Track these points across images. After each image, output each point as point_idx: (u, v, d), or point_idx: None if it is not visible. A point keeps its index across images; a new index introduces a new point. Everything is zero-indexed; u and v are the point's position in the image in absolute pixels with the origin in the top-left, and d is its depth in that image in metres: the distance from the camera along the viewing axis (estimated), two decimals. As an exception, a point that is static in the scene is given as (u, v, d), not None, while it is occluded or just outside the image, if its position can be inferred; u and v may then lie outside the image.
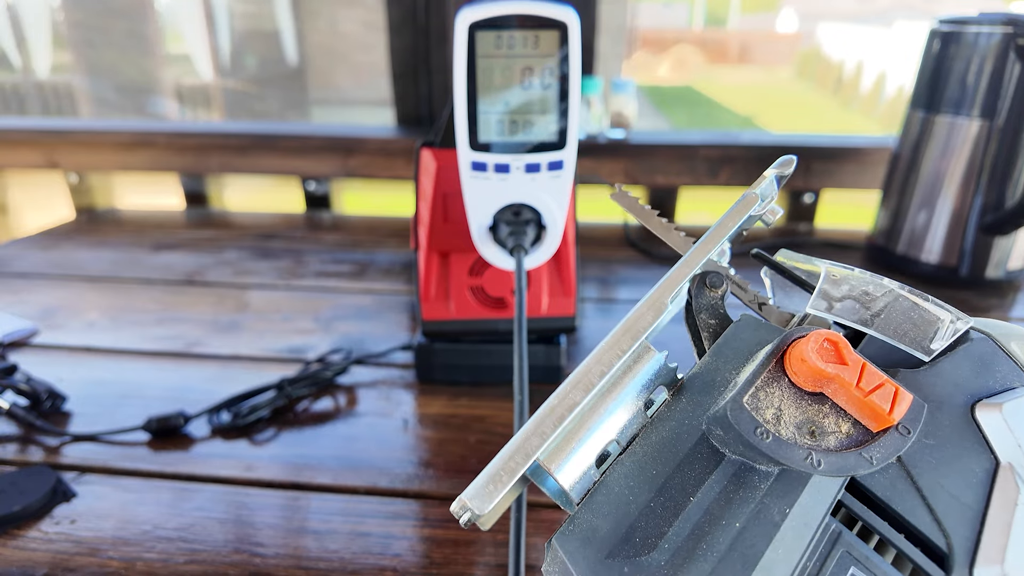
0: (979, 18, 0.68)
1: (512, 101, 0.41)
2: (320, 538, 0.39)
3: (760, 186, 0.22)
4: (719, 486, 0.17)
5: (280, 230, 0.96)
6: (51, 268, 0.81)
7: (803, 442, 0.17)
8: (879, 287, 0.20)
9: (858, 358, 0.17)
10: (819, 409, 0.17)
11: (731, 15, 18.16)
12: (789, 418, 0.17)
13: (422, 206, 0.53)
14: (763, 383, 0.18)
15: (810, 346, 0.17)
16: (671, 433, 0.18)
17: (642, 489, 0.17)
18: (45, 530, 0.39)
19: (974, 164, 0.71)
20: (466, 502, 0.17)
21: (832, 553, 0.16)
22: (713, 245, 0.21)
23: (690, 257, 0.21)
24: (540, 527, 0.40)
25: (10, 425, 0.50)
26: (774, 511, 0.16)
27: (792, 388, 0.18)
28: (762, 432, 0.17)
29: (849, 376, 0.17)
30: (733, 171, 0.96)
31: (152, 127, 1.05)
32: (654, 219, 0.23)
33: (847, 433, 0.17)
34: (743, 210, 0.21)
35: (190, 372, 0.57)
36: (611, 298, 0.73)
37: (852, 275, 0.20)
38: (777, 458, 0.16)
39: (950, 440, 0.17)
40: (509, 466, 0.17)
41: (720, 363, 0.19)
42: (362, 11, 4.26)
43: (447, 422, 0.51)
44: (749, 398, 0.17)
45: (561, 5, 0.40)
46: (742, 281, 0.22)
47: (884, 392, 0.17)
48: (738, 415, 0.17)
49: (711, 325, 0.21)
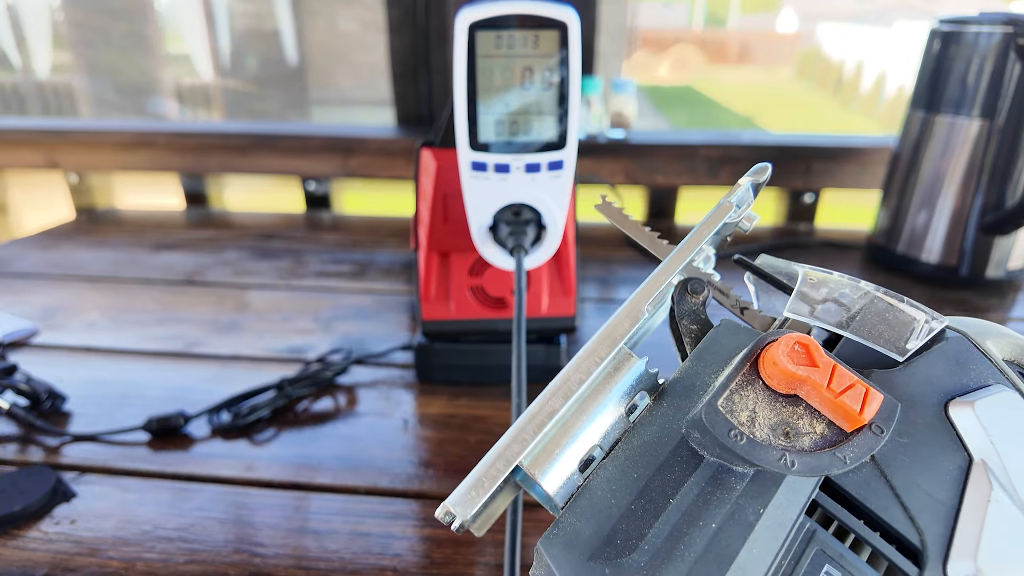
0: (979, 18, 0.68)
1: (512, 101, 0.41)
2: (320, 538, 0.39)
3: (735, 194, 0.22)
4: (697, 488, 0.17)
5: (280, 230, 0.96)
6: (51, 268, 0.81)
7: (777, 443, 0.17)
8: (856, 289, 0.20)
9: (829, 360, 0.18)
10: (793, 411, 0.18)
11: (731, 15, 18.16)
12: (764, 420, 0.17)
13: (422, 206, 0.53)
14: (737, 386, 0.18)
15: (781, 349, 0.18)
16: (652, 437, 0.18)
17: (624, 492, 0.17)
18: (45, 530, 0.39)
19: (974, 164, 0.71)
20: (450, 508, 0.17)
21: (807, 551, 0.16)
22: (688, 253, 0.21)
23: (666, 265, 0.21)
24: (540, 526, 0.40)
25: (10, 425, 0.50)
26: (748, 511, 0.16)
27: (767, 391, 0.18)
28: (736, 434, 0.17)
29: (820, 378, 0.17)
30: (733, 171, 0.96)
31: (152, 127, 1.05)
32: (638, 229, 0.24)
33: (821, 434, 0.17)
34: (718, 218, 0.22)
35: (190, 372, 0.57)
36: (611, 298, 0.73)
37: (831, 278, 0.20)
38: (751, 459, 0.17)
39: (924, 438, 0.18)
40: (490, 472, 0.17)
41: (700, 367, 0.19)
42: (362, 11, 4.26)
43: (447, 422, 0.51)
44: (724, 401, 0.18)
45: (561, 5, 0.40)
46: (724, 287, 0.22)
47: (855, 392, 0.17)
48: (713, 418, 0.17)
49: (693, 330, 0.21)
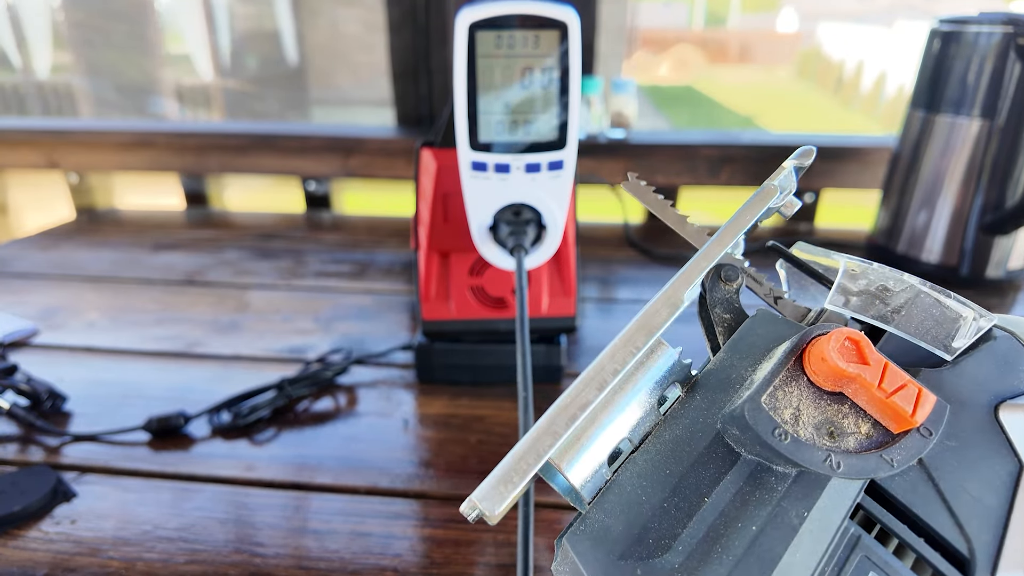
0: (979, 18, 0.68)
1: (512, 101, 0.41)
2: (320, 538, 0.39)
3: (779, 177, 0.21)
4: (735, 487, 0.16)
5: (280, 230, 0.96)
6: (51, 268, 0.81)
7: (822, 443, 0.16)
8: (899, 283, 0.19)
9: (880, 357, 0.17)
10: (838, 409, 0.17)
11: (731, 15, 18.15)
12: (808, 418, 0.17)
13: (422, 206, 0.53)
14: (781, 382, 0.17)
15: (831, 344, 0.17)
16: (685, 432, 0.17)
17: (655, 489, 0.17)
18: (45, 530, 0.39)
19: (974, 164, 0.71)
20: (476, 503, 0.16)
21: (851, 558, 0.15)
22: (731, 238, 0.20)
23: (707, 251, 0.20)
24: (539, 526, 0.40)
25: (10, 425, 0.50)
26: (792, 514, 0.16)
27: (811, 387, 0.17)
28: (780, 433, 0.16)
29: (871, 376, 0.16)
30: (733, 171, 0.96)
31: (152, 127, 1.05)
32: (668, 210, 0.23)
33: (867, 434, 0.17)
34: (762, 202, 0.21)
35: (190, 372, 0.57)
36: (611, 298, 0.73)
37: (871, 269, 0.19)
38: (796, 460, 0.16)
39: (973, 442, 0.17)
40: (520, 467, 0.16)
41: (736, 359, 0.19)
42: (362, 11, 4.26)
43: (447, 422, 0.51)
44: (767, 397, 0.17)
45: (561, 5, 0.40)
46: (757, 275, 0.21)
47: (907, 393, 0.16)
48: (756, 415, 0.16)
49: (726, 320, 0.20)
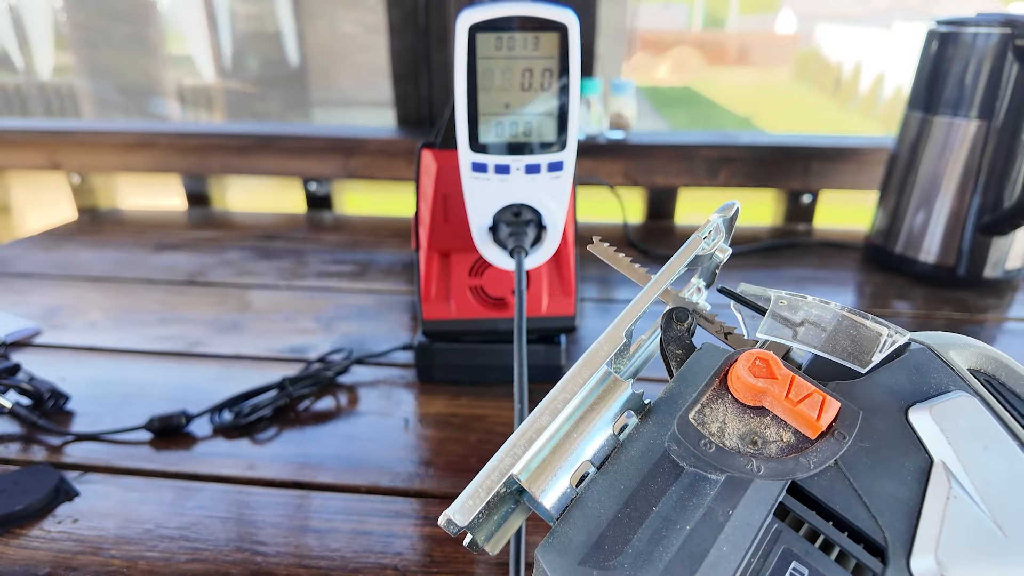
0: (977, 19, 0.68)
1: (512, 102, 0.42)
2: (321, 537, 0.39)
3: (705, 229, 0.25)
4: (677, 495, 0.18)
5: (281, 230, 0.96)
6: (53, 268, 0.81)
7: (746, 451, 0.19)
8: (826, 310, 0.22)
9: (787, 372, 0.19)
10: (761, 421, 0.19)
11: (730, 16, 18.16)
12: (733, 430, 0.19)
13: (423, 207, 0.54)
14: (708, 400, 0.20)
15: (742, 364, 0.20)
16: (638, 452, 0.20)
17: (612, 502, 0.18)
18: (48, 529, 0.40)
19: (972, 164, 0.71)
20: (450, 516, 0.18)
21: (774, 549, 0.17)
22: (661, 285, 0.23)
23: (642, 296, 0.23)
24: (540, 526, 0.40)
25: (13, 424, 0.50)
26: (718, 513, 0.18)
27: (735, 404, 0.20)
28: (706, 443, 0.19)
29: (779, 389, 0.19)
30: (732, 171, 0.96)
31: (154, 128, 1.06)
32: (629, 267, 0.27)
33: (788, 441, 0.19)
34: (689, 251, 0.24)
35: (192, 372, 0.57)
36: (611, 298, 0.74)
37: (803, 301, 0.22)
38: (720, 465, 0.18)
39: (886, 442, 0.19)
40: (485, 484, 0.19)
41: (683, 387, 0.21)
42: (363, 12, 4.26)
43: (447, 421, 0.51)
44: (695, 414, 0.20)
45: (561, 7, 0.40)
46: (709, 315, 0.24)
47: (812, 401, 0.19)
48: (684, 429, 0.19)
49: (678, 355, 0.23)
